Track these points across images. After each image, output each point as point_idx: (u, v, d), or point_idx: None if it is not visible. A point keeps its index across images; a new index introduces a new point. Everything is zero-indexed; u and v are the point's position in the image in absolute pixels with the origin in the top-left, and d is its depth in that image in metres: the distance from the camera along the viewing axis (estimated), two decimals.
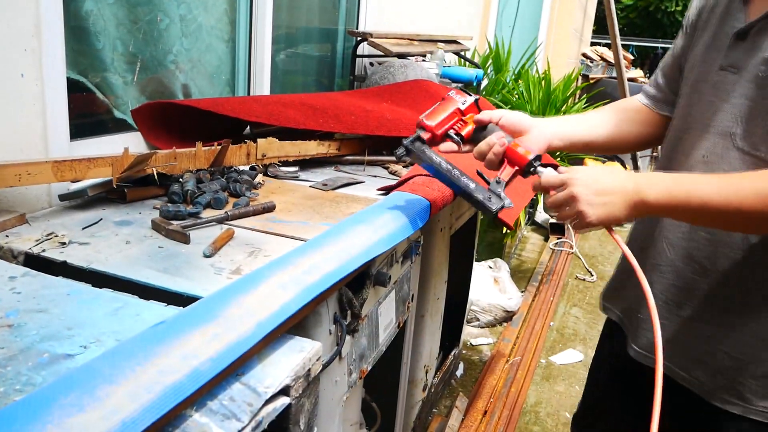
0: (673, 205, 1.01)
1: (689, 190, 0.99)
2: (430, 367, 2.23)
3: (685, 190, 1.00)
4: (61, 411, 0.61)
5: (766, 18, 1.03)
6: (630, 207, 1.03)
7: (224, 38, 2.10)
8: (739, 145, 1.06)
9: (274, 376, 0.82)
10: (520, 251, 4.74)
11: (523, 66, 4.46)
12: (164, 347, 0.74)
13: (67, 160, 1.24)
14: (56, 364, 0.75)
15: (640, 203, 1.02)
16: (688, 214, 1.03)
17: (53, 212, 1.30)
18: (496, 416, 2.57)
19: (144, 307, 0.92)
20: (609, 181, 1.03)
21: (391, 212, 1.32)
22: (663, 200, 1.01)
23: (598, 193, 1.02)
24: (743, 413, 1.12)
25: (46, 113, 1.34)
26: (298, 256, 1.04)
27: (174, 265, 1.08)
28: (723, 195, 0.97)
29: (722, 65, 1.11)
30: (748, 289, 1.10)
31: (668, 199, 1.01)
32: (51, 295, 0.93)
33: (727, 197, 0.96)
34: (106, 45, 1.65)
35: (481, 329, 3.44)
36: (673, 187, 1.00)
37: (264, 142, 1.65)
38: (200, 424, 0.71)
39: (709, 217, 1.01)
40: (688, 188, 1.00)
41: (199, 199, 1.37)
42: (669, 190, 1.00)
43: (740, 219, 0.99)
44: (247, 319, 0.83)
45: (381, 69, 2.54)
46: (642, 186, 1.02)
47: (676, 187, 1.00)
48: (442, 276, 2.11)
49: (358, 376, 1.33)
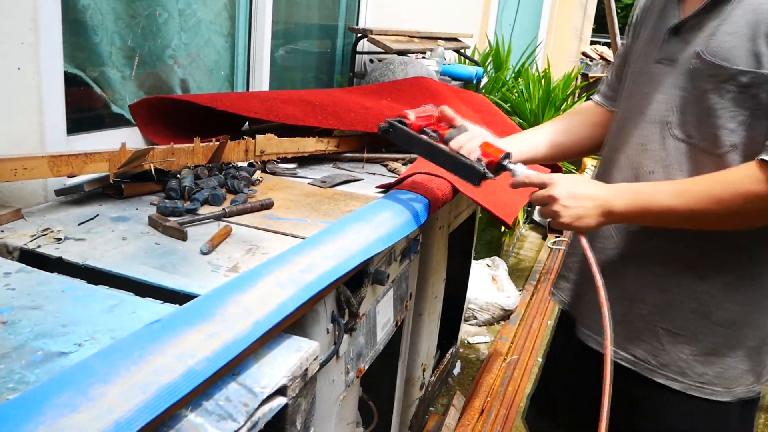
0: (637, 212, 1.10)
1: (650, 199, 1.09)
2: (428, 365, 2.22)
3: (646, 199, 1.09)
4: (54, 411, 0.60)
5: (697, 15, 1.11)
6: (600, 214, 1.12)
7: (223, 33, 2.09)
8: (675, 133, 1.14)
9: (270, 376, 0.81)
10: (518, 250, 4.73)
11: (523, 64, 4.45)
12: (159, 346, 0.73)
13: (63, 155, 1.23)
14: (50, 362, 0.74)
15: (609, 212, 1.12)
16: (652, 219, 1.12)
17: (49, 207, 1.29)
18: (493, 415, 2.57)
19: (140, 304, 0.91)
20: (584, 189, 1.12)
21: (390, 210, 1.31)
22: (627, 209, 1.11)
23: (574, 197, 1.12)
24: (684, 389, 1.19)
25: (42, 107, 1.33)
26: (296, 254, 1.03)
27: (171, 262, 1.07)
28: (681, 200, 1.06)
29: (658, 58, 1.19)
30: (683, 266, 1.17)
31: (632, 207, 1.10)
32: (46, 292, 0.92)
33: (685, 202, 1.06)
34: (104, 39, 1.64)
35: (479, 328, 3.44)
36: (636, 197, 1.10)
37: (262, 138, 1.64)
38: (195, 425, 0.70)
39: (671, 220, 1.10)
40: (649, 196, 1.09)
41: (196, 196, 1.36)
42: (633, 199, 1.10)
43: (698, 220, 1.08)
44: (244, 317, 0.82)
45: (381, 66, 2.53)
46: (610, 196, 1.11)
47: (638, 196, 1.10)
48: (440, 274, 2.11)
49: (355, 375, 1.33)
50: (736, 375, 1.16)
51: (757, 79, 1.02)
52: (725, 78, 1.05)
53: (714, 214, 1.04)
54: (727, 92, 1.06)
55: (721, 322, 1.14)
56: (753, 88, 1.03)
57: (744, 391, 1.18)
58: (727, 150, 1.07)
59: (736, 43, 1.04)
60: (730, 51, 1.04)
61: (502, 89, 4.10)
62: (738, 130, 1.06)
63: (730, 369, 1.16)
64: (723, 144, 1.07)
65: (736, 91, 1.05)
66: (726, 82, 1.05)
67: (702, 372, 1.17)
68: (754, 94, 1.03)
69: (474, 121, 2.15)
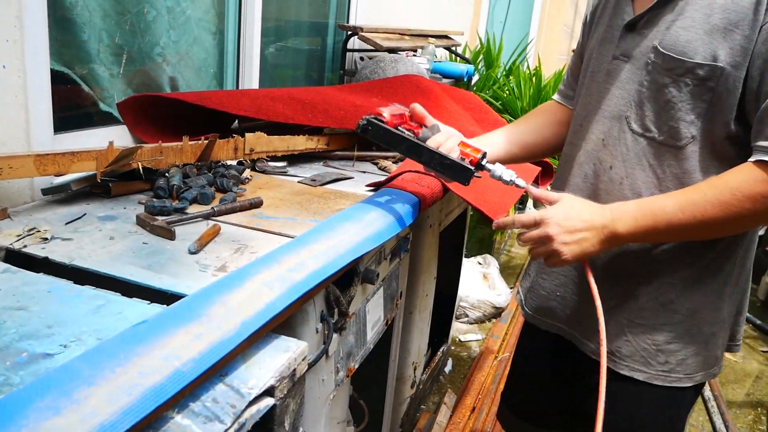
0: (642, 232, 1.08)
1: (655, 216, 1.06)
2: (419, 363, 2.22)
3: (651, 217, 1.06)
4: (37, 414, 0.59)
5: (651, 10, 1.12)
6: (602, 242, 1.09)
7: (212, 30, 2.08)
8: (633, 127, 1.15)
9: (258, 377, 0.81)
10: (509, 247, 4.74)
11: (514, 62, 4.45)
12: (145, 347, 0.72)
13: (50, 154, 1.22)
14: (35, 363, 0.73)
15: (612, 237, 1.09)
16: (659, 236, 1.10)
17: (36, 207, 1.28)
18: (484, 412, 2.57)
19: (127, 304, 0.90)
20: (581, 219, 1.09)
21: (380, 209, 1.30)
22: (632, 230, 1.08)
23: (571, 231, 1.09)
24: (647, 379, 1.20)
25: (28, 105, 1.32)
26: (285, 253, 1.03)
27: (158, 261, 1.07)
28: (688, 213, 1.04)
29: (614, 54, 1.19)
30: (647, 258, 1.17)
31: (636, 228, 1.07)
32: (31, 292, 0.91)
33: (692, 214, 1.03)
34: (92, 36, 1.62)
35: (470, 325, 3.44)
36: (640, 216, 1.07)
37: (252, 136, 1.63)
38: (182, 427, 0.69)
39: (679, 234, 1.09)
40: (654, 214, 1.06)
41: (185, 195, 1.35)
42: (636, 219, 1.07)
43: (706, 229, 1.06)
44: (231, 318, 0.82)
45: (371, 64, 2.52)
46: (612, 220, 1.08)
47: (642, 216, 1.07)
48: (431, 273, 2.10)
49: (345, 374, 1.32)
50: (697, 361, 1.19)
51: (714, 72, 1.03)
52: (682, 71, 1.06)
53: (722, 221, 1.03)
54: (685, 85, 1.07)
55: (682, 311, 1.16)
56: (710, 81, 1.04)
57: (703, 376, 1.20)
58: (686, 142, 1.09)
59: (691, 36, 1.05)
60: (687, 45, 1.05)
61: (493, 87, 4.10)
62: (696, 122, 1.08)
63: (692, 356, 1.18)
64: (682, 136, 1.09)
65: (694, 84, 1.06)
66: (683, 75, 1.06)
67: (665, 361, 1.18)
68: (711, 87, 1.05)
69: (464, 119, 2.15)
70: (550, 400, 1.48)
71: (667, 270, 1.16)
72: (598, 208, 1.11)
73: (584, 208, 1.11)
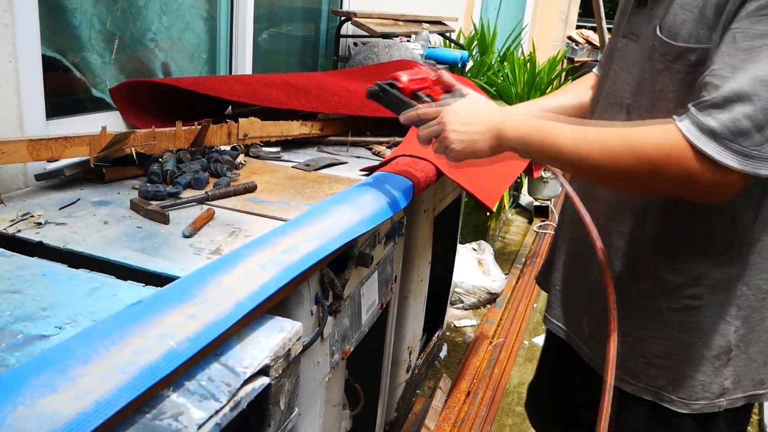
0: (526, 144, 1.01)
1: (545, 134, 0.98)
2: (414, 348, 2.23)
3: (540, 133, 0.99)
4: (33, 391, 0.60)
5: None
6: (491, 138, 1.03)
7: (204, 16, 2.07)
8: (633, 117, 1.06)
9: (253, 356, 0.81)
10: (504, 234, 4.75)
11: (509, 48, 4.44)
12: (140, 327, 0.73)
13: (42, 139, 1.22)
14: (30, 345, 0.74)
15: (501, 136, 1.02)
16: (543, 157, 1.02)
17: (29, 192, 1.28)
18: (479, 397, 2.59)
19: (121, 287, 0.91)
20: (477, 112, 1.04)
21: (374, 192, 1.31)
22: (519, 138, 1.01)
23: (465, 122, 1.03)
24: (635, 392, 1.13)
25: (20, 91, 1.31)
26: (279, 235, 1.03)
27: (153, 245, 1.07)
28: (574, 145, 0.95)
29: (624, 32, 1.11)
30: (637, 268, 1.11)
31: (524, 137, 1.01)
32: (26, 276, 0.91)
33: (577, 147, 0.95)
34: (83, 22, 1.62)
35: (465, 311, 3.46)
36: (532, 129, 1.00)
37: (246, 121, 1.63)
38: (177, 404, 0.70)
39: (561, 162, 1.01)
40: (545, 132, 0.98)
41: (179, 179, 1.35)
42: (526, 127, 1.00)
43: (588, 171, 0.99)
44: (225, 299, 0.82)
45: (365, 49, 2.52)
46: (505, 121, 1.02)
47: (533, 128, 1.00)
48: (425, 257, 2.11)
49: (340, 357, 1.33)
50: (693, 385, 1.08)
51: (706, 56, 0.92)
52: (673, 57, 0.97)
53: (604, 169, 0.94)
54: (677, 73, 0.97)
55: (675, 326, 1.08)
56: (703, 68, 0.92)
57: (705, 406, 1.09)
58: None
59: (687, 16, 0.95)
60: (681, 26, 0.95)
61: (488, 73, 4.09)
62: None
63: (686, 378, 1.08)
64: None
65: (686, 71, 0.96)
66: (675, 61, 0.97)
67: (654, 375, 1.11)
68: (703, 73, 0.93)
69: None
70: (555, 398, 1.48)
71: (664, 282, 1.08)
72: (497, 109, 1.05)
73: (485, 107, 1.06)
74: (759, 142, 0.84)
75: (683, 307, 1.07)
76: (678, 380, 1.09)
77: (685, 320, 1.07)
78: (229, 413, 0.73)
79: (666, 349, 1.09)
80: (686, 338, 1.08)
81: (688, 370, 1.08)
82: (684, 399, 1.09)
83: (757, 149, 0.84)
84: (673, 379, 1.10)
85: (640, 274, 1.11)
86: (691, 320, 1.07)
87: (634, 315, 1.11)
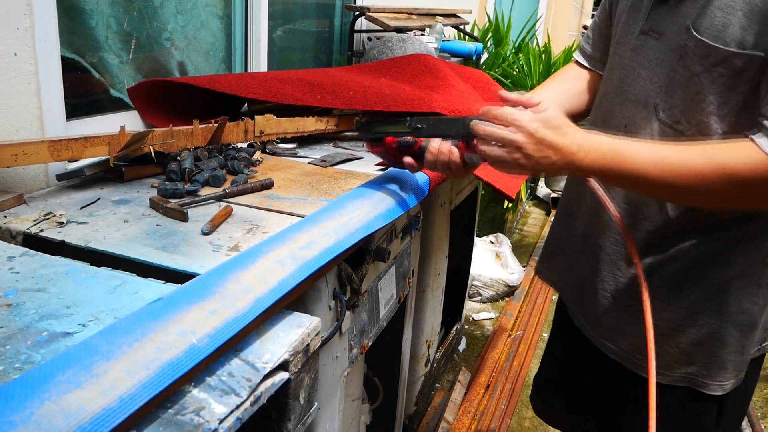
0: (604, 172, 0.98)
1: (624, 162, 0.96)
2: (432, 341, 2.24)
3: (619, 161, 0.96)
4: (58, 387, 0.61)
5: None
6: (563, 166, 0.98)
7: (219, 14, 2.08)
8: (662, 117, 1.04)
9: (272, 352, 0.82)
10: (521, 226, 4.73)
11: (523, 39, 4.42)
12: (161, 324, 0.74)
13: (63, 140, 1.24)
14: (55, 342, 0.75)
15: (573, 166, 0.98)
16: (622, 183, 1.01)
17: (51, 192, 1.30)
18: (498, 390, 2.59)
19: (142, 284, 0.92)
20: (553, 136, 0.96)
21: (390, 187, 1.31)
22: (595, 168, 0.97)
23: (540, 145, 0.96)
24: (671, 382, 1.13)
25: (41, 92, 1.33)
26: (296, 231, 1.04)
27: (172, 242, 1.08)
28: (657, 170, 0.94)
29: (643, 29, 1.08)
30: (665, 259, 1.10)
31: (600, 166, 0.97)
32: (49, 275, 0.93)
33: (661, 174, 0.94)
34: (100, 23, 1.63)
35: (483, 304, 3.45)
36: (608, 156, 0.96)
37: (262, 118, 1.64)
38: (199, 400, 0.71)
39: (645, 188, 1.00)
40: (623, 159, 0.96)
41: (197, 177, 1.36)
42: (604, 157, 0.96)
43: (674, 194, 0.98)
44: (244, 295, 0.83)
45: (379, 44, 2.52)
46: (579, 149, 0.97)
47: (611, 156, 0.96)
48: (442, 251, 2.11)
49: (359, 351, 1.34)
50: (726, 367, 1.10)
51: (754, 62, 0.91)
52: (717, 61, 0.94)
53: (695, 193, 0.94)
54: (720, 76, 0.95)
55: (706, 314, 1.09)
56: (749, 72, 0.92)
57: (734, 383, 1.13)
58: (716, 138, 0.98)
59: (729, 20, 0.92)
60: (723, 30, 0.93)
61: (503, 65, 4.08)
62: (729, 116, 0.97)
63: (720, 361, 1.10)
64: (713, 132, 0.99)
65: (729, 75, 0.94)
66: (718, 65, 0.95)
67: (688, 363, 1.11)
68: (749, 78, 0.93)
69: (473, 98, 2.14)
70: (561, 381, 1.49)
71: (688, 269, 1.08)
72: (572, 131, 0.98)
73: (560, 124, 0.98)
74: None
75: (713, 293, 1.08)
76: (711, 364, 1.10)
77: (715, 306, 1.08)
78: (249, 408, 0.74)
79: (698, 337, 1.10)
80: (717, 323, 1.09)
81: (721, 353, 1.10)
82: (719, 381, 1.11)
83: None
84: (707, 364, 1.11)
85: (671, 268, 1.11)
86: (719, 306, 1.08)
87: (665, 307, 1.11)
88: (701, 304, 1.09)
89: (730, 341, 1.10)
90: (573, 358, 1.40)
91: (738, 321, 1.09)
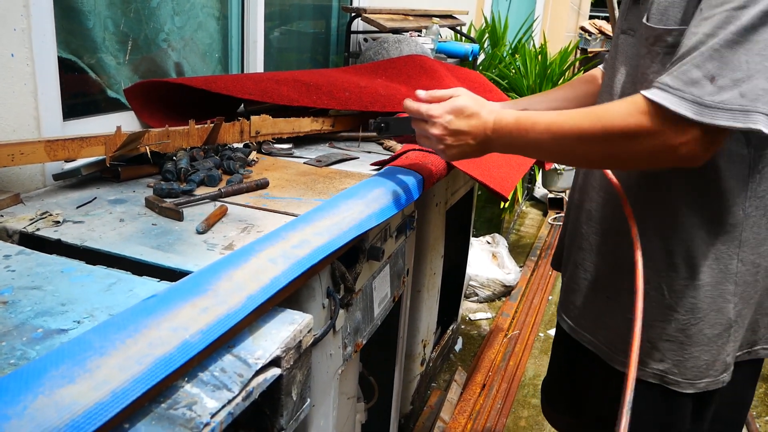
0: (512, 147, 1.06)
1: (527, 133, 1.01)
2: (428, 341, 2.25)
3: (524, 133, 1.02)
4: (52, 382, 0.62)
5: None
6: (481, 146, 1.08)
7: (216, 15, 2.09)
8: None
9: (264, 348, 0.83)
10: (518, 226, 4.75)
11: (520, 40, 4.43)
12: (154, 320, 0.75)
13: (59, 140, 1.25)
14: (50, 338, 0.77)
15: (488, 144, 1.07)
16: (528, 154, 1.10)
17: (47, 192, 1.31)
18: (494, 389, 2.61)
19: (137, 282, 0.93)
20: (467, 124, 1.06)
21: (384, 186, 1.32)
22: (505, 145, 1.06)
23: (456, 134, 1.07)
24: (642, 377, 1.14)
25: (38, 93, 1.34)
26: (289, 230, 1.05)
27: (167, 241, 1.09)
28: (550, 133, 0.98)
29: (623, 28, 1.14)
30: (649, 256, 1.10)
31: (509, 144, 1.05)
32: (45, 273, 0.94)
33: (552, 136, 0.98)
34: (97, 24, 1.65)
35: (480, 304, 3.46)
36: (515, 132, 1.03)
37: (257, 119, 1.66)
38: (191, 395, 0.72)
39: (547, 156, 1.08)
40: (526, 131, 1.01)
41: (192, 177, 1.37)
42: (510, 134, 1.03)
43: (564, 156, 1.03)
44: (237, 292, 0.84)
45: (375, 45, 2.53)
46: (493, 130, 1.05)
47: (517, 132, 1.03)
48: (438, 251, 2.13)
49: (353, 349, 1.35)
50: (698, 365, 1.10)
51: (681, 37, 0.93)
52: (653, 40, 0.99)
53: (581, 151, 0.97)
54: (656, 54, 0.99)
55: (678, 309, 1.09)
56: None
57: (710, 384, 1.12)
58: None
59: (672, 1, 0.97)
60: (665, 11, 0.97)
61: (499, 66, 4.09)
62: None
63: (691, 359, 1.10)
64: None
65: (664, 52, 0.98)
66: (654, 44, 0.99)
67: (659, 359, 1.12)
68: None
69: None
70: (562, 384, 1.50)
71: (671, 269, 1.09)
72: (485, 114, 1.06)
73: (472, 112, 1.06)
74: (712, 91, 0.84)
75: (683, 288, 1.08)
76: (683, 362, 1.11)
77: (686, 302, 1.09)
78: (241, 403, 0.75)
79: (669, 332, 1.11)
80: (688, 319, 1.09)
81: (693, 351, 1.10)
82: (690, 380, 1.11)
83: (711, 98, 0.84)
84: (678, 362, 1.11)
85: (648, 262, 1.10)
86: (692, 301, 1.08)
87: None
88: (671, 298, 1.10)
89: (702, 339, 1.09)
90: (570, 360, 1.41)
91: (711, 319, 1.09)
